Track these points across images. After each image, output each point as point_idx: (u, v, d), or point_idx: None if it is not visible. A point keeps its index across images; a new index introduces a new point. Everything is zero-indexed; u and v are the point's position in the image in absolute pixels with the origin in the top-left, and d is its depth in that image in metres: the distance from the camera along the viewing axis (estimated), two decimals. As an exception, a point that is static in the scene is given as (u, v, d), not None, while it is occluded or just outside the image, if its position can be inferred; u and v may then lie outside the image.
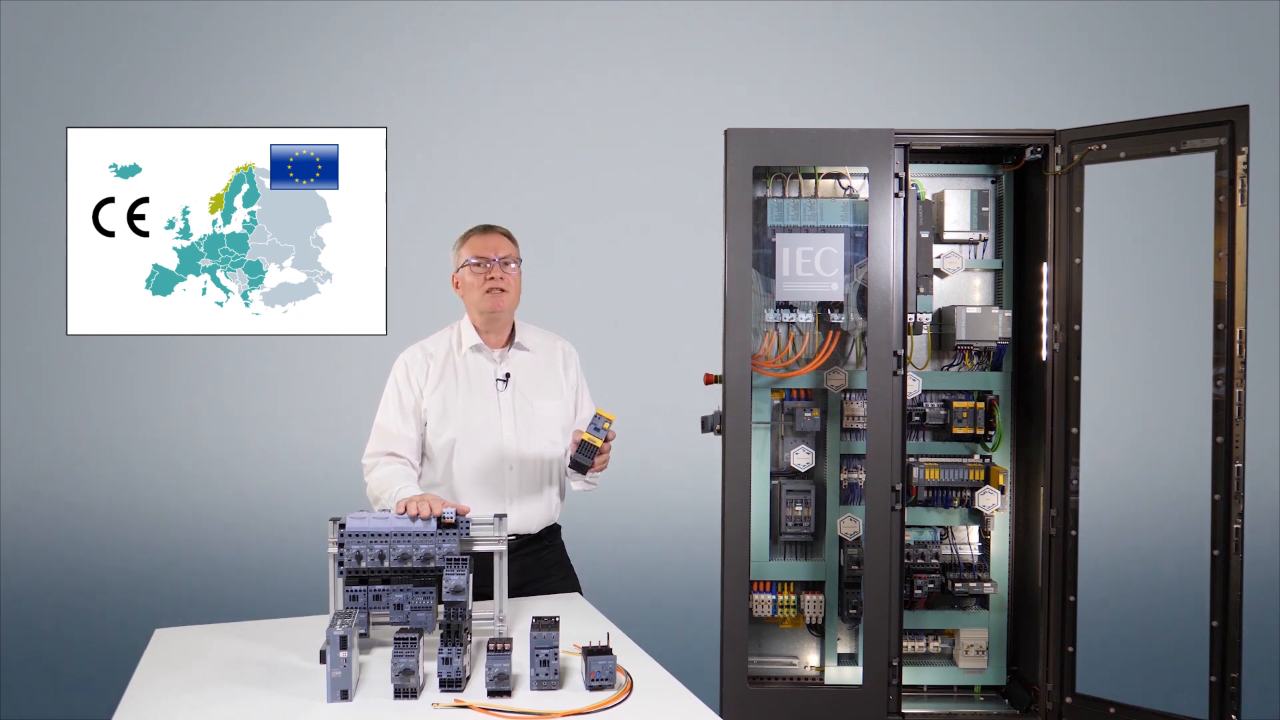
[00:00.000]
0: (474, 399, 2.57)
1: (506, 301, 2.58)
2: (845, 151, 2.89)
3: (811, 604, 3.15)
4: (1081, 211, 2.92)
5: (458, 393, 2.57)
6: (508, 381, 2.60)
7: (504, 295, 2.57)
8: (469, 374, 2.60)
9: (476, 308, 2.60)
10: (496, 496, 2.56)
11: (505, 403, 2.59)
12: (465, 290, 2.62)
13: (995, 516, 3.16)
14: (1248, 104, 2.65)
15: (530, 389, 2.62)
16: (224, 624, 2.32)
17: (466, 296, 2.62)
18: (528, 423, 2.59)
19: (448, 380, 2.58)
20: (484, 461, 2.55)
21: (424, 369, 2.58)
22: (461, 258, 2.62)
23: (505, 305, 2.58)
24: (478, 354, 2.62)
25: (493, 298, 2.56)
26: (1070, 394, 2.95)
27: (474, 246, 2.60)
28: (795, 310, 3.07)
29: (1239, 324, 2.65)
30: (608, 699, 1.82)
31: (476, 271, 2.57)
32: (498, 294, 2.56)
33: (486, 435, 2.56)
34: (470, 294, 2.60)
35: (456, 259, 2.65)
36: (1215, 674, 2.69)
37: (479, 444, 2.55)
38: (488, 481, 2.55)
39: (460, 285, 2.63)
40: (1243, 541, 2.65)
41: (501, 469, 2.56)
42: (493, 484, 2.56)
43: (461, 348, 2.62)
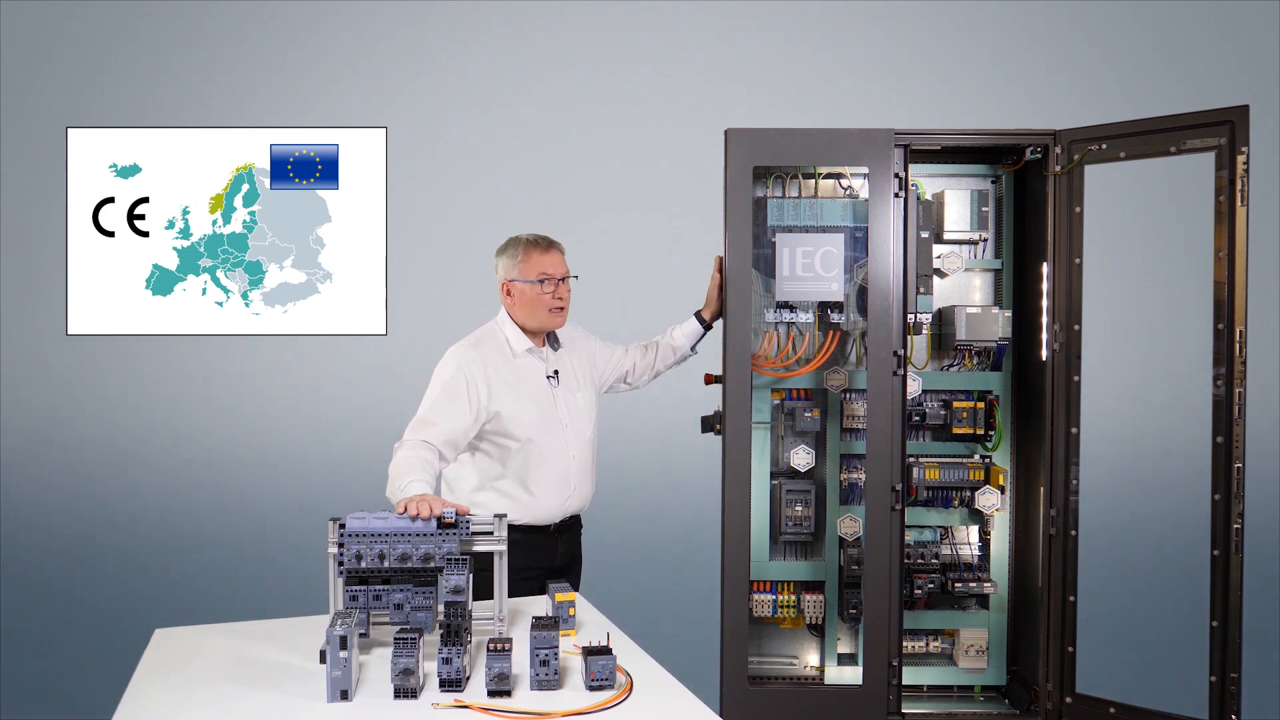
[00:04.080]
0: (539, 399, 2.69)
1: (565, 319, 2.75)
2: (845, 151, 2.89)
3: (811, 604, 3.15)
4: (1081, 211, 2.92)
5: (524, 393, 2.67)
6: (557, 377, 2.74)
7: (563, 313, 2.73)
8: (526, 376, 2.70)
9: (536, 321, 2.71)
10: (565, 486, 2.71)
11: (560, 398, 2.73)
12: (524, 303, 2.70)
13: (995, 516, 3.16)
14: (1248, 104, 2.65)
15: (573, 383, 2.78)
16: (224, 624, 2.31)
17: (524, 309, 2.71)
18: (577, 413, 2.76)
19: (510, 382, 2.67)
20: (556, 454, 2.69)
21: (482, 372, 2.63)
22: (522, 272, 2.69)
23: (564, 323, 2.75)
24: (531, 355, 2.73)
25: (554, 316, 2.71)
26: (1070, 394, 2.95)
27: (539, 265, 2.69)
28: (795, 310, 3.07)
29: (1239, 324, 2.65)
30: (608, 699, 1.82)
31: (544, 291, 2.68)
32: (559, 313, 2.71)
33: (553, 430, 2.69)
34: (532, 309, 2.70)
35: (511, 268, 2.71)
36: (1215, 674, 2.69)
37: (550, 439, 2.68)
38: (559, 473, 2.69)
39: (514, 295, 2.71)
40: (1243, 541, 2.65)
41: (566, 459, 2.70)
42: (562, 474, 2.70)
43: (515, 352, 2.70)
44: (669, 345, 3.01)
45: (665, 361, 3.03)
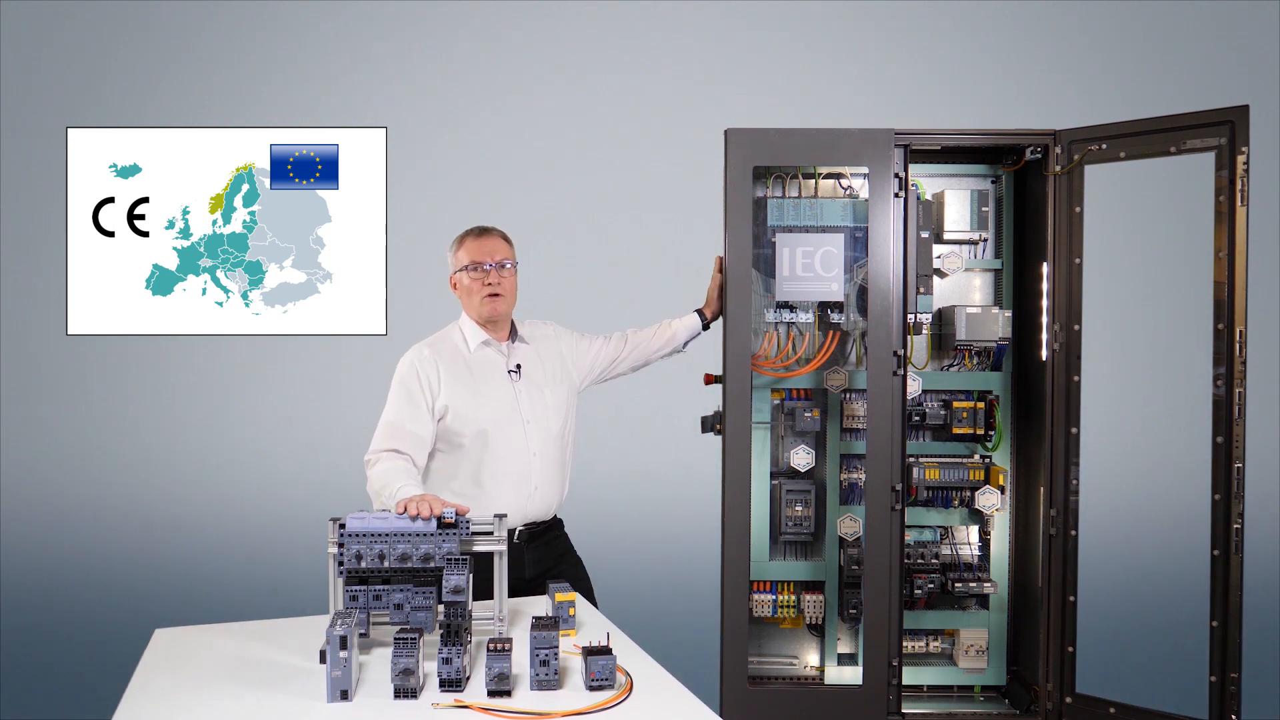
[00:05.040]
0: (494, 392, 2.62)
1: (503, 306, 2.64)
2: (845, 151, 2.89)
3: (811, 604, 3.15)
4: (1081, 211, 2.92)
5: (477, 387, 2.61)
6: (520, 372, 2.66)
7: (500, 300, 2.62)
8: (483, 368, 2.64)
9: (474, 311, 2.65)
10: (524, 484, 2.61)
11: (521, 392, 2.65)
12: (462, 293, 2.67)
13: (995, 516, 3.16)
14: (1248, 104, 2.65)
15: (540, 378, 2.69)
16: (224, 624, 2.31)
17: (464, 299, 2.67)
18: (543, 409, 2.66)
19: (463, 376, 2.61)
20: (512, 451, 2.60)
21: (434, 367, 2.59)
22: (459, 261, 2.66)
23: (502, 310, 2.64)
24: (487, 348, 2.66)
25: (490, 303, 2.62)
26: (1070, 394, 2.95)
27: (470, 251, 2.64)
28: (795, 310, 3.07)
29: (1239, 324, 2.65)
30: (608, 699, 1.82)
31: (474, 277, 2.62)
32: (494, 299, 2.61)
33: (512, 426, 2.61)
34: (468, 298, 2.65)
35: (454, 261, 2.68)
36: (1215, 674, 2.69)
37: (506, 435, 2.60)
38: (517, 470, 2.61)
39: (458, 288, 2.68)
40: (1243, 541, 2.65)
41: (526, 456, 2.61)
42: (520, 472, 2.61)
43: (470, 345, 2.65)
44: (668, 335, 2.93)
45: (660, 352, 2.94)
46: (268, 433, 5.64)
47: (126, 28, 5.52)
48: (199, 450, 5.63)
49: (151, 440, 5.61)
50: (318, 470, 5.49)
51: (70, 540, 5.43)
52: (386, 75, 5.57)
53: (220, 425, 5.64)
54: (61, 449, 5.61)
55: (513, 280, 2.66)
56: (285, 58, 5.56)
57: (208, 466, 5.62)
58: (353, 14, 5.58)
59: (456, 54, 5.59)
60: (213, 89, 5.55)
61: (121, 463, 5.61)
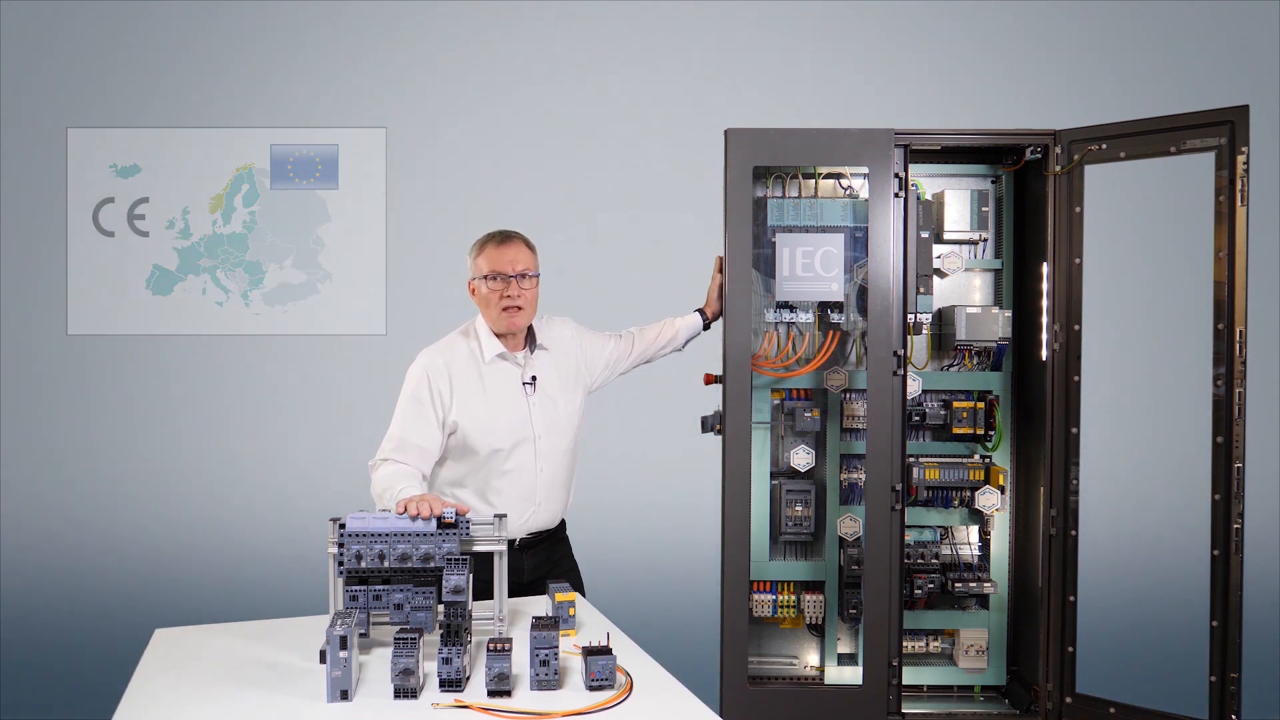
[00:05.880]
0: (506, 409, 2.54)
1: (522, 320, 2.54)
2: (845, 151, 2.89)
3: (811, 604, 3.15)
4: (1081, 211, 2.92)
5: (489, 403, 2.52)
6: (535, 384, 2.58)
7: (520, 314, 2.52)
8: (498, 382, 2.55)
9: (492, 322, 2.56)
10: (529, 498, 2.56)
11: (535, 406, 2.57)
12: (481, 302, 2.57)
13: (995, 516, 3.16)
14: (1248, 104, 2.65)
15: (554, 389, 2.61)
16: (224, 624, 2.31)
17: (482, 309, 2.58)
18: (555, 423, 2.60)
19: (475, 391, 2.52)
20: (521, 468, 2.55)
21: (446, 380, 2.51)
22: (478, 269, 2.55)
23: (520, 324, 2.55)
24: (503, 361, 2.58)
25: (508, 317, 2.52)
26: (1070, 394, 2.95)
27: (491, 259, 2.53)
28: (795, 310, 3.07)
29: (1239, 324, 2.65)
30: (608, 699, 1.82)
31: (493, 287, 2.51)
32: (514, 312, 2.52)
33: (522, 444, 2.55)
34: (486, 309, 2.56)
35: (473, 267, 2.58)
36: (1215, 674, 2.69)
37: (516, 454, 2.54)
38: (523, 484, 2.56)
39: (476, 295, 2.58)
40: (1243, 541, 2.65)
41: (533, 473, 2.56)
42: (527, 485, 2.56)
43: (485, 356, 2.56)
44: (671, 334, 2.90)
45: (661, 351, 2.91)
46: (268, 433, 5.64)
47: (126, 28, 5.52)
48: (199, 450, 5.62)
49: (151, 440, 5.61)
50: (318, 470, 5.49)
51: (70, 540, 5.43)
52: (386, 75, 5.57)
53: (220, 425, 5.64)
54: (61, 449, 5.61)
55: (534, 292, 2.55)
56: (285, 58, 5.56)
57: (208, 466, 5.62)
58: (352, 14, 5.57)
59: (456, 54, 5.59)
60: (213, 89, 5.54)
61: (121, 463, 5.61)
